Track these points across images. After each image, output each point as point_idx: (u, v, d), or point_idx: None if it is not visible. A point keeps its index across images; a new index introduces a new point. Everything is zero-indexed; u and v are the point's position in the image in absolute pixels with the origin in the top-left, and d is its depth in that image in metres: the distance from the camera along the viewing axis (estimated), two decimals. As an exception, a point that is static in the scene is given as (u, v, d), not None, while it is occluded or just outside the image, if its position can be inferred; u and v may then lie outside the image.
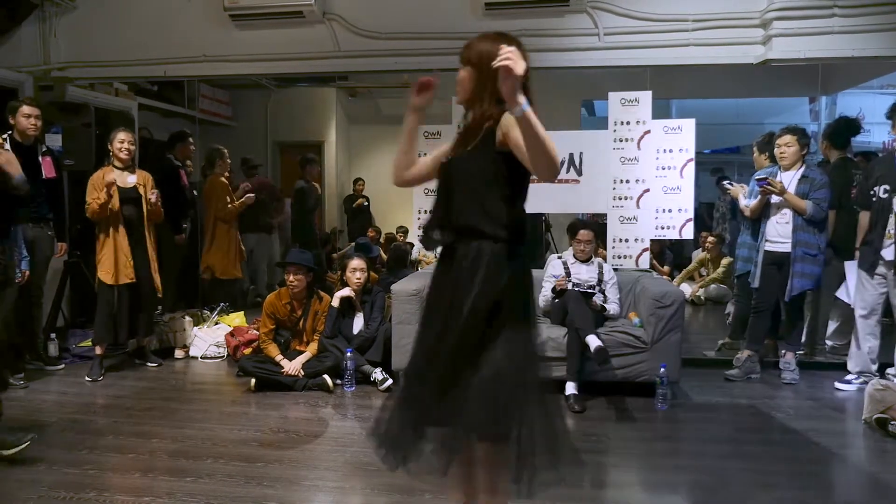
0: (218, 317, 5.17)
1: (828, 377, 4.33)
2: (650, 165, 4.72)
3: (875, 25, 4.34)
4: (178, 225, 5.41)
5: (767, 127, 5.72)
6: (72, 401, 3.86)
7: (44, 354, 4.55)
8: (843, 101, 6.40)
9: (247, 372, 4.14)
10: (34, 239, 4.24)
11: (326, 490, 2.69)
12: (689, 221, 4.72)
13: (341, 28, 4.98)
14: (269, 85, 7.55)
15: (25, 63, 5.25)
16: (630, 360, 3.86)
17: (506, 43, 1.85)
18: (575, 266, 4.31)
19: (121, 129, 4.44)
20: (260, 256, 6.83)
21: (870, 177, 4.08)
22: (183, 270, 5.66)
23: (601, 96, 5.05)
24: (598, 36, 4.73)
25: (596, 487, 2.80)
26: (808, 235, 4.10)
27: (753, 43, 4.56)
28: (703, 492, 2.69)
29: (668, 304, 3.84)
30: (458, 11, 4.85)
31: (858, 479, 2.89)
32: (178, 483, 2.71)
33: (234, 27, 5.04)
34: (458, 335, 1.84)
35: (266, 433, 3.31)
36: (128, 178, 4.35)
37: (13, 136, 4.22)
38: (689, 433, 3.41)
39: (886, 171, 3.97)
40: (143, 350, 4.67)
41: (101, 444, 3.16)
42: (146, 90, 6.32)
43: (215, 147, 5.93)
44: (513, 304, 1.89)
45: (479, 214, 1.89)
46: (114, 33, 5.22)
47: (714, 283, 7.07)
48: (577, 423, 3.51)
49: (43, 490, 2.63)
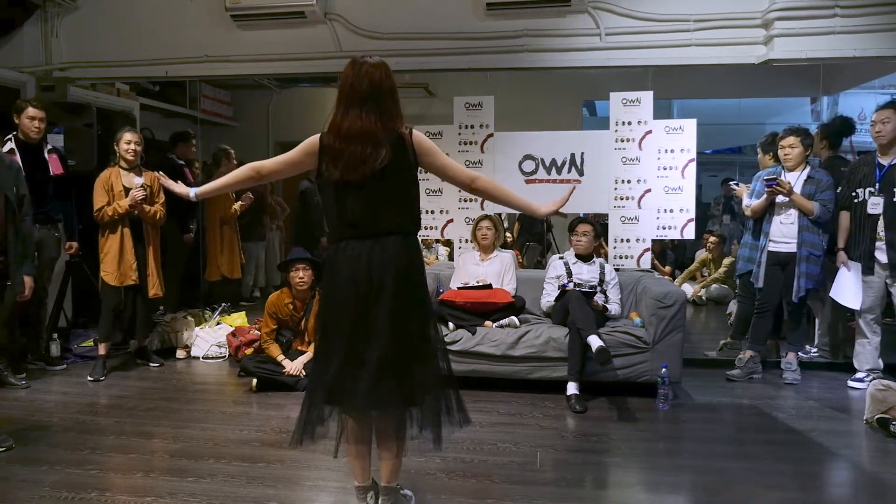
0: (220, 317, 5.18)
1: (829, 377, 4.33)
2: (651, 165, 4.72)
3: (877, 25, 4.33)
4: (185, 225, 5.42)
5: (769, 127, 5.72)
6: (74, 401, 3.86)
7: (46, 354, 4.56)
8: (844, 101, 6.40)
9: (248, 372, 4.15)
10: (40, 240, 4.25)
11: (328, 490, 2.69)
12: (690, 221, 4.72)
13: (343, 28, 4.98)
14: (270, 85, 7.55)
15: (27, 63, 5.27)
16: (631, 361, 3.86)
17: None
18: (576, 266, 4.31)
19: (127, 129, 4.43)
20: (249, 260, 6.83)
21: (852, 178, 4.11)
22: (186, 271, 5.67)
23: (602, 96, 5.05)
24: (599, 36, 4.73)
25: (597, 487, 2.80)
26: (814, 236, 4.11)
27: (755, 43, 4.57)
28: (704, 492, 2.68)
29: (669, 304, 3.84)
30: (460, 12, 4.85)
31: (860, 479, 2.88)
32: (180, 483, 2.71)
33: (236, 27, 5.06)
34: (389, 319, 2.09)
35: (268, 433, 3.31)
36: (135, 180, 4.35)
37: (17, 136, 4.24)
38: (691, 433, 3.41)
39: (868, 173, 4.02)
40: (144, 350, 4.68)
41: (103, 444, 3.16)
42: (148, 90, 6.33)
43: (222, 147, 5.94)
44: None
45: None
46: (115, 34, 5.23)
47: (715, 283, 7.07)
48: (578, 423, 3.51)
49: (45, 490, 2.63)
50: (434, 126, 4.99)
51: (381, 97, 2.12)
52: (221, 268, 5.77)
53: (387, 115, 2.12)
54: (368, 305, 2.10)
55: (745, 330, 4.52)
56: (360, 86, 2.10)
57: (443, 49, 4.85)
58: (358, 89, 2.11)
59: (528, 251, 6.52)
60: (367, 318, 2.10)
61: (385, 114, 2.12)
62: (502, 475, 2.80)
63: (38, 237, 4.22)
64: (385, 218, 2.13)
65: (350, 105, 2.12)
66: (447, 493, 2.61)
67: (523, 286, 4.43)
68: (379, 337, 2.09)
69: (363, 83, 2.10)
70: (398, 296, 2.11)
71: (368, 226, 2.12)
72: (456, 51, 4.89)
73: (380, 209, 2.12)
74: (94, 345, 4.70)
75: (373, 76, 2.11)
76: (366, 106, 2.10)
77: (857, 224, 4.07)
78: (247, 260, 6.65)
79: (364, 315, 2.10)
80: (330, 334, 2.17)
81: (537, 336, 3.94)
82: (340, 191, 2.13)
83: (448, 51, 4.86)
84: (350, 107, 2.11)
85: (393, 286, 2.10)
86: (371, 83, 2.10)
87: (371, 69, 2.12)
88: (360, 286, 2.10)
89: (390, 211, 2.14)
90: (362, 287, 2.10)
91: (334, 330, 2.15)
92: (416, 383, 2.14)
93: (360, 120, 2.09)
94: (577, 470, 2.90)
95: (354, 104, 2.11)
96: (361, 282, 2.10)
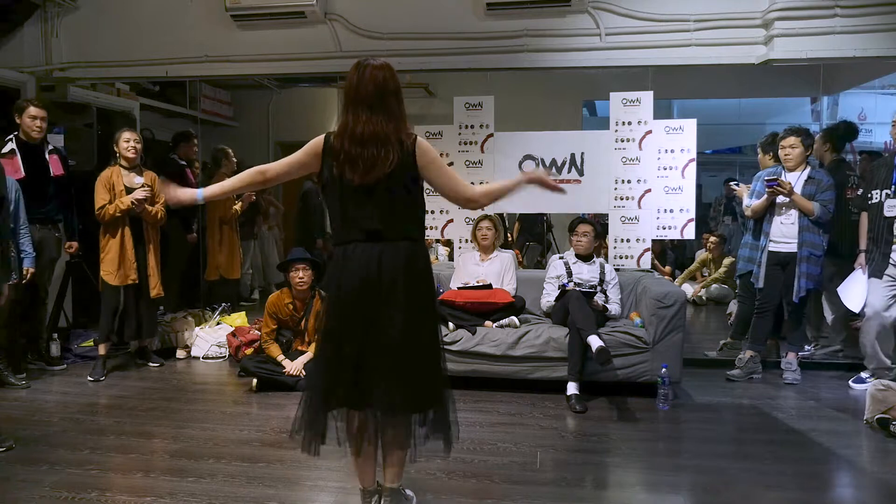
0: (220, 317, 5.17)
1: (830, 378, 4.33)
2: (652, 165, 4.72)
3: (877, 25, 4.34)
4: (188, 224, 5.42)
5: (769, 127, 5.71)
6: (74, 401, 3.86)
7: (46, 354, 4.56)
8: (844, 101, 6.39)
9: (248, 372, 4.15)
10: (41, 240, 4.25)
11: (328, 490, 2.69)
12: (690, 222, 4.72)
13: (343, 28, 4.98)
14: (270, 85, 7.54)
15: (27, 63, 5.27)
16: (631, 361, 3.86)
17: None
18: (577, 266, 4.31)
19: (126, 128, 4.44)
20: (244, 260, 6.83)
21: (870, 180, 4.09)
22: (186, 270, 5.67)
23: (603, 96, 5.05)
24: (599, 36, 4.73)
25: (597, 487, 2.80)
26: (814, 236, 4.11)
27: (755, 43, 4.57)
28: (704, 492, 2.68)
29: (669, 304, 3.84)
30: (460, 12, 4.86)
31: (860, 479, 2.88)
32: (180, 483, 2.71)
33: (236, 27, 5.06)
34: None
35: (268, 433, 3.31)
36: (135, 179, 4.35)
37: (18, 136, 4.24)
38: (691, 433, 3.40)
39: (886, 175, 3.99)
40: (145, 350, 4.68)
41: (103, 444, 3.16)
42: (148, 90, 6.33)
43: (220, 147, 5.93)
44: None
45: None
46: (115, 33, 5.24)
47: (716, 283, 7.06)
48: (578, 423, 3.51)
49: (45, 490, 2.63)
50: (434, 126, 4.99)
51: (387, 98, 2.11)
52: (220, 267, 5.76)
53: (393, 117, 2.12)
54: (379, 310, 2.10)
55: (745, 330, 4.52)
56: (365, 89, 2.10)
57: (443, 49, 4.85)
58: (363, 92, 2.10)
59: (528, 251, 6.51)
60: (378, 323, 2.10)
61: (391, 115, 2.11)
62: (502, 475, 2.80)
63: (39, 237, 4.22)
64: (393, 222, 2.13)
65: (357, 108, 2.11)
66: (447, 493, 2.61)
67: (523, 286, 4.43)
68: (390, 342, 2.09)
69: (368, 86, 2.10)
70: (410, 301, 2.11)
71: (378, 230, 2.11)
72: (456, 51, 4.89)
73: (388, 213, 2.12)
74: (94, 345, 4.70)
75: (377, 78, 2.11)
76: (373, 108, 2.10)
77: (872, 226, 4.00)
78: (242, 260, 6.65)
79: (374, 320, 2.10)
80: (337, 339, 2.14)
81: (537, 336, 3.94)
82: (347, 193, 2.12)
83: (448, 51, 4.86)
84: (357, 110, 2.11)
85: (404, 291, 2.10)
86: (376, 85, 2.10)
87: (375, 71, 2.12)
88: (370, 290, 2.09)
89: (398, 215, 2.13)
90: (372, 291, 2.09)
91: (342, 334, 2.13)
92: (426, 388, 2.16)
93: (370, 123, 2.08)
94: (577, 470, 2.90)
95: (361, 107, 2.10)
96: (371, 286, 2.09)
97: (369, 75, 2.11)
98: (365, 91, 2.10)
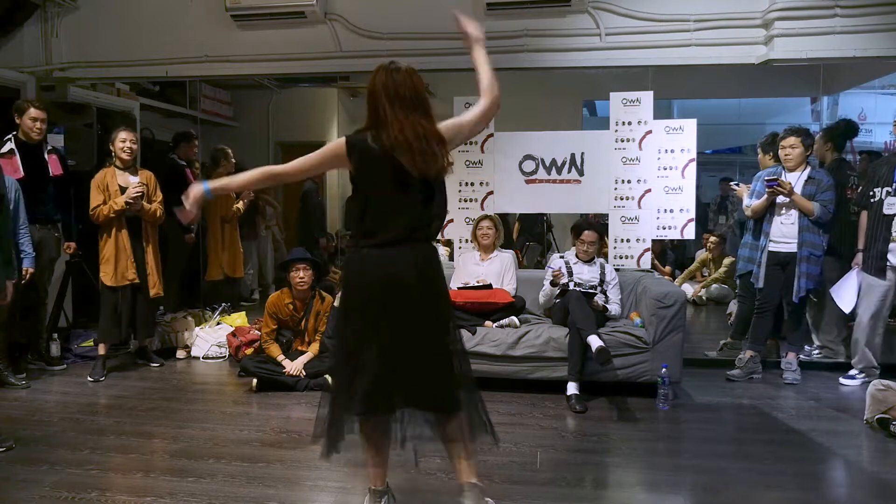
0: (220, 317, 5.17)
1: (830, 378, 4.32)
2: (652, 166, 4.72)
3: (877, 25, 4.34)
4: (186, 225, 5.41)
5: (769, 127, 5.71)
6: (74, 401, 3.86)
7: (46, 354, 4.56)
8: (844, 101, 6.39)
9: (248, 372, 4.15)
10: (40, 240, 4.25)
11: (328, 490, 2.69)
12: (690, 221, 4.72)
13: (343, 28, 4.98)
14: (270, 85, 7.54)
15: (27, 63, 5.27)
16: (631, 361, 3.86)
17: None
18: (577, 266, 4.31)
19: (122, 128, 4.44)
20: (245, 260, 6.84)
21: (872, 178, 4.09)
22: (186, 270, 5.67)
23: (603, 96, 5.05)
24: (599, 36, 4.73)
25: (597, 487, 2.80)
26: (814, 236, 4.11)
27: (755, 43, 4.57)
28: (704, 492, 2.68)
29: (669, 304, 3.84)
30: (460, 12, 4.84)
31: (860, 479, 2.88)
32: (180, 483, 2.71)
33: (236, 27, 5.06)
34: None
35: (268, 433, 3.31)
36: (130, 179, 4.35)
37: (17, 136, 4.24)
38: (691, 433, 3.40)
39: (888, 173, 3.99)
40: (145, 350, 4.68)
41: (103, 444, 3.16)
42: (148, 90, 6.33)
43: (220, 147, 5.93)
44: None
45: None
46: (115, 33, 5.23)
47: (716, 283, 7.06)
48: (578, 423, 3.51)
49: (45, 490, 2.63)
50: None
51: (426, 101, 2.14)
52: (224, 266, 5.77)
53: (432, 120, 2.14)
54: (408, 311, 2.09)
55: (745, 330, 4.52)
56: (404, 91, 2.10)
57: (443, 49, 4.84)
58: (403, 94, 2.09)
59: (528, 251, 6.52)
60: (409, 324, 2.09)
61: (431, 118, 2.14)
62: (502, 475, 2.80)
63: (38, 237, 4.22)
64: (425, 222, 2.16)
65: (399, 108, 2.09)
66: (447, 493, 2.60)
67: (523, 286, 4.43)
68: (427, 343, 2.11)
69: (407, 88, 2.10)
70: (438, 301, 2.15)
71: (410, 231, 2.12)
72: (456, 51, 4.86)
73: (420, 214, 2.14)
74: (93, 345, 4.70)
75: (414, 81, 2.13)
76: (416, 109, 2.10)
77: (872, 224, 4.02)
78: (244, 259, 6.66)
79: (403, 321, 2.09)
80: (362, 342, 2.11)
81: (537, 336, 3.94)
82: (380, 194, 2.12)
83: (448, 51, 4.85)
84: (401, 109, 2.09)
85: (433, 291, 2.14)
86: (415, 88, 2.12)
87: (409, 75, 2.13)
88: (399, 291, 2.08)
89: (427, 216, 2.16)
90: (400, 292, 2.08)
91: (368, 336, 2.10)
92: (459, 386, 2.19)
93: (419, 125, 2.08)
94: (577, 470, 2.90)
95: (403, 107, 2.09)
96: (400, 287, 2.08)
97: (403, 79, 2.11)
98: (404, 93, 2.10)
